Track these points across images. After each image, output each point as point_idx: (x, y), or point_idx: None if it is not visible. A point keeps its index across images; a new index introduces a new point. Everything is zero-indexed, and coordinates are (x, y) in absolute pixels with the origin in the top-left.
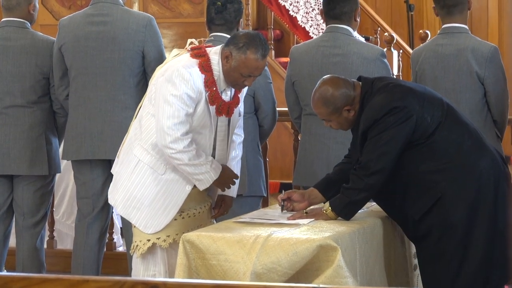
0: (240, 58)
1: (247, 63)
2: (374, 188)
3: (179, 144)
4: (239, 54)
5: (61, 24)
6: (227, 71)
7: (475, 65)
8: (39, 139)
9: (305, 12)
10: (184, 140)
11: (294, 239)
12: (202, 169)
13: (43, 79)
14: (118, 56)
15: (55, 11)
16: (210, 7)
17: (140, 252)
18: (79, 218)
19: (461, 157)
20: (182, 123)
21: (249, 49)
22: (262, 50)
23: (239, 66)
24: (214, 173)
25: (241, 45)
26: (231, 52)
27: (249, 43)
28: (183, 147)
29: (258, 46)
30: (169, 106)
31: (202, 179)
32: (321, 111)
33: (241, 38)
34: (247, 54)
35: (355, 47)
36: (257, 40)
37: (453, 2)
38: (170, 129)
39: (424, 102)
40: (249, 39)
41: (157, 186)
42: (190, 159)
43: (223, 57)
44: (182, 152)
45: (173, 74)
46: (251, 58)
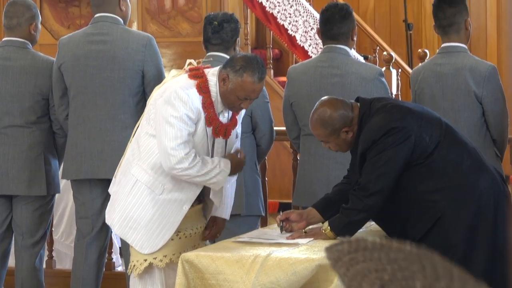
0: (236, 81)
1: (243, 86)
2: (373, 208)
3: (184, 163)
4: (235, 76)
5: (61, 43)
6: (223, 93)
7: (473, 84)
8: (38, 159)
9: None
10: (188, 158)
11: (293, 258)
12: (213, 173)
13: (42, 100)
14: (118, 76)
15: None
16: (207, 26)
17: (137, 272)
18: (78, 238)
19: (460, 176)
20: (185, 142)
21: (246, 72)
22: (259, 73)
23: (235, 88)
24: (226, 169)
25: (238, 68)
26: (228, 75)
27: (246, 66)
28: (188, 165)
29: (255, 69)
30: (170, 128)
31: (215, 181)
32: (319, 133)
33: (238, 60)
34: (243, 77)
35: (353, 67)
36: (254, 63)
37: (447, 22)
38: (174, 150)
39: (422, 122)
40: (246, 62)
41: (154, 207)
42: (199, 171)
43: (220, 79)
44: (188, 169)
45: (171, 96)
46: (248, 81)
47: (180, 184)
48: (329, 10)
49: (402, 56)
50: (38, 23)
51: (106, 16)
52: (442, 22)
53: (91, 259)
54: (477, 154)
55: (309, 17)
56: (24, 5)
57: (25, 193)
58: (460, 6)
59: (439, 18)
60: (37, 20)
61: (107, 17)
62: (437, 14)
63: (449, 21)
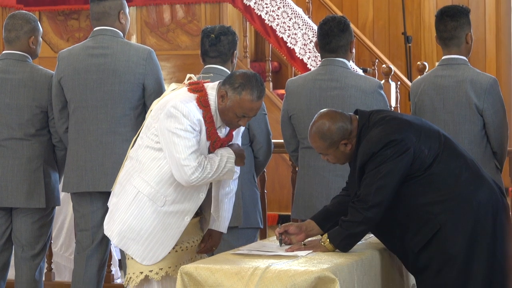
0: (235, 98)
1: (241, 103)
2: (372, 221)
3: (198, 172)
4: (234, 94)
5: (61, 57)
6: (222, 110)
7: (474, 96)
8: (37, 172)
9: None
10: (200, 165)
11: (292, 271)
12: (222, 164)
13: (41, 113)
14: (118, 89)
15: (53, 44)
16: (204, 39)
17: (133, 285)
18: (78, 251)
19: (459, 188)
20: (195, 151)
21: (244, 90)
22: (258, 91)
23: (233, 106)
24: (230, 154)
25: (237, 86)
26: (226, 92)
27: (245, 84)
28: (201, 171)
29: (254, 87)
30: (179, 139)
31: (227, 170)
32: (318, 145)
33: (237, 78)
34: (242, 95)
35: (352, 80)
36: (253, 81)
37: (447, 35)
38: (186, 160)
39: (421, 134)
40: (245, 79)
41: (156, 218)
42: (211, 171)
43: (219, 96)
44: (203, 175)
45: (172, 110)
46: (246, 99)
47: (182, 195)
48: (327, 24)
49: (401, 69)
50: (38, 37)
51: (105, 29)
52: (443, 34)
53: (91, 272)
54: (476, 167)
55: (308, 30)
56: (23, 19)
57: (24, 205)
58: (463, 20)
59: (441, 30)
60: (37, 34)
61: (107, 30)
62: (439, 27)
63: (450, 34)
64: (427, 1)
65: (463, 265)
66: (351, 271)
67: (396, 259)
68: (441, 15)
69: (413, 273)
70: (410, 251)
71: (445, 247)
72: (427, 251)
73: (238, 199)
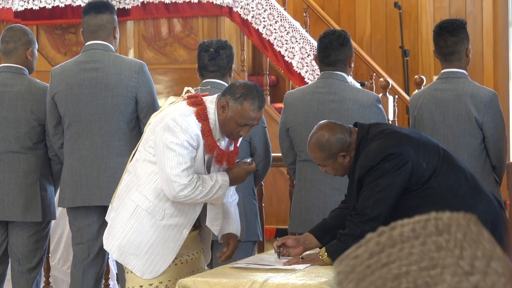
0: (236, 108)
1: (243, 113)
2: None
3: (187, 189)
4: (235, 104)
5: (53, 73)
6: (222, 121)
7: (474, 110)
8: (34, 185)
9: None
10: (192, 183)
11: (290, 284)
12: (214, 189)
13: (38, 126)
14: (111, 102)
15: (50, 57)
16: (202, 53)
17: None
18: (74, 264)
19: (458, 202)
20: (187, 168)
21: (246, 100)
22: (259, 101)
23: (235, 116)
24: (225, 182)
25: (238, 96)
26: (227, 102)
27: (247, 94)
28: (190, 189)
29: (255, 97)
30: (172, 154)
31: (217, 197)
32: (317, 156)
33: (238, 88)
34: (244, 104)
35: (350, 93)
36: (254, 92)
37: (448, 50)
38: (177, 176)
39: (419, 148)
40: (247, 90)
41: (155, 232)
42: (201, 192)
43: (219, 106)
44: (192, 194)
45: (171, 123)
46: (248, 109)
47: (180, 209)
48: (327, 37)
49: (399, 83)
50: (35, 50)
51: (97, 43)
52: (443, 50)
53: (87, 285)
54: (475, 180)
55: (306, 44)
56: (20, 30)
57: (21, 219)
58: (462, 35)
59: (441, 46)
60: (33, 46)
61: (99, 44)
62: (438, 42)
63: (451, 49)
64: (425, 15)
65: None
66: None
67: None
68: (440, 31)
69: None
70: None
71: None
72: None
73: (240, 213)
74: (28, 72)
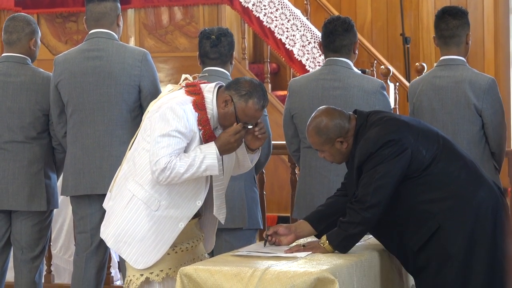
0: (240, 105)
1: (246, 111)
2: (371, 221)
3: (165, 172)
4: (240, 101)
5: (57, 61)
6: (223, 115)
7: (473, 97)
8: (38, 175)
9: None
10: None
11: (291, 272)
12: (197, 161)
13: (43, 116)
14: (114, 91)
15: (51, 46)
16: (204, 41)
17: (134, 287)
18: (77, 253)
19: (458, 188)
20: (168, 155)
21: (251, 99)
22: (263, 101)
23: (237, 112)
24: (210, 150)
25: (244, 93)
26: (232, 97)
27: (252, 92)
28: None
29: (260, 97)
30: (159, 143)
31: (206, 167)
32: (314, 141)
33: (244, 85)
34: (248, 103)
35: (355, 80)
36: (259, 91)
37: (449, 33)
38: (157, 163)
39: (419, 135)
40: (252, 88)
41: (149, 222)
42: (181, 167)
43: (222, 100)
44: (171, 173)
45: (167, 111)
46: (252, 108)
47: (177, 201)
48: (332, 23)
49: (400, 70)
50: (38, 39)
51: (101, 32)
52: (444, 33)
53: (90, 274)
54: (475, 167)
55: (307, 32)
56: (24, 20)
57: (25, 208)
58: (464, 19)
59: (442, 29)
60: (37, 36)
61: (102, 32)
62: (440, 25)
63: (452, 32)
64: (425, 2)
65: (463, 265)
66: (351, 272)
67: (395, 260)
68: (443, 14)
69: (412, 274)
70: (409, 251)
71: (445, 246)
72: (426, 250)
73: (242, 201)
74: (31, 61)
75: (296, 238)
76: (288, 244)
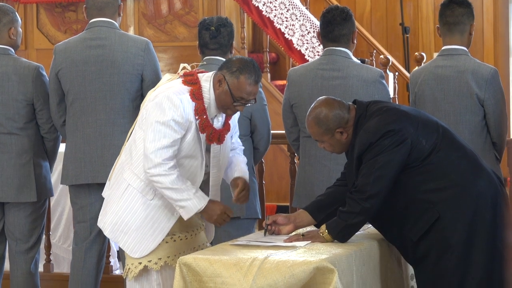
0: (233, 82)
1: (239, 86)
2: (370, 211)
3: (159, 169)
4: (232, 78)
5: (57, 50)
6: (219, 95)
7: (476, 87)
8: (27, 165)
9: (301, 35)
10: (166, 164)
11: (290, 261)
12: (184, 195)
13: (27, 106)
14: (117, 80)
15: (50, 35)
16: (203, 32)
17: (132, 275)
18: (76, 242)
19: (458, 178)
20: (165, 148)
21: (242, 74)
22: (255, 76)
23: (231, 90)
24: (198, 201)
25: (235, 70)
26: (224, 76)
27: (243, 68)
28: (163, 171)
29: (251, 71)
30: (155, 132)
31: (185, 206)
32: (314, 131)
33: (234, 63)
34: (240, 78)
35: (354, 69)
36: (250, 66)
37: (453, 20)
38: (153, 153)
39: (418, 125)
40: (243, 64)
41: (145, 211)
42: (172, 183)
43: (216, 81)
44: (161, 176)
45: (163, 100)
46: (244, 83)
47: None
48: (330, 12)
49: (399, 60)
50: (18, 27)
51: (102, 21)
52: (449, 19)
53: (89, 263)
54: (475, 157)
55: (306, 21)
56: (0, 11)
57: (15, 199)
58: (469, 9)
59: (447, 15)
60: (16, 24)
61: (104, 21)
62: (445, 12)
63: (457, 19)
64: None
65: (463, 254)
66: (350, 261)
67: (395, 249)
68: (449, 2)
69: (411, 263)
70: (409, 240)
71: (444, 236)
72: (426, 240)
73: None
74: (14, 50)
75: (295, 228)
76: (287, 234)
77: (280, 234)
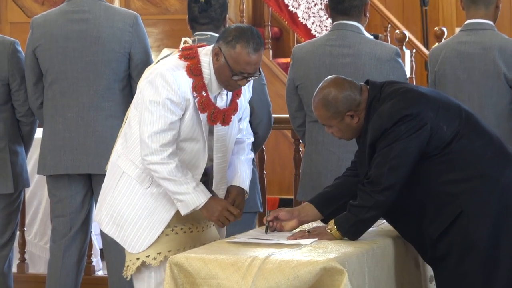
0: (229, 53)
1: (236, 58)
2: (384, 205)
3: (156, 156)
4: (228, 48)
5: (35, 23)
6: (217, 70)
7: (503, 66)
8: (2, 153)
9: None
10: (164, 151)
11: (295, 261)
12: (183, 188)
13: (2, 86)
14: (102, 58)
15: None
16: (192, 4)
17: (130, 273)
18: (54, 239)
19: (483, 168)
20: (162, 132)
21: (238, 43)
22: (254, 43)
23: (229, 62)
24: (197, 196)
25: (230, 39)
26: (220, 48)
27: (239, 36)
28: (160, 159)
29: (249, 39)
30: (149, 114)
31: (182, 200)
32: (321, 114)
33: (230, 32)
34: (236, 48)
35: (366, 46)
36: (248, 33)
37: None
38: (149, 138)
39: (439, 108)
40: (239, 32)
41: (143, 202)
42: (169, 173)
43: (213, 54)
44: (159, 164)
45: (156, 78)
46: (241, 53)
47: None
48: None
49: (417, 35)
50: None
51: None
52: None
53: (69, 263)
54: (502, 144)
55: None
56: None
57: None
58: None
59: None
60: None
61: None
62: None
63: None
64: None
65: (488, 253)
66: (361, 261)
67: (412, 248)
68: None
69: (430, 263)
70: (427, 238)
71: (467, 232)
72: (447, 237)
73: None
74: None
75: (299, 224)
76: (291, 230)
77: (283, 231)
